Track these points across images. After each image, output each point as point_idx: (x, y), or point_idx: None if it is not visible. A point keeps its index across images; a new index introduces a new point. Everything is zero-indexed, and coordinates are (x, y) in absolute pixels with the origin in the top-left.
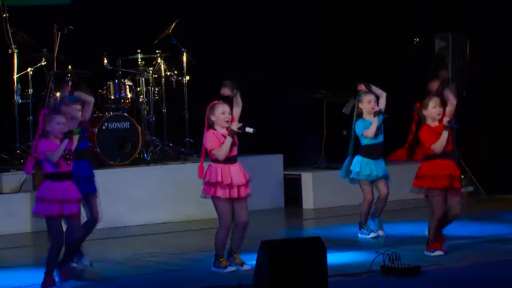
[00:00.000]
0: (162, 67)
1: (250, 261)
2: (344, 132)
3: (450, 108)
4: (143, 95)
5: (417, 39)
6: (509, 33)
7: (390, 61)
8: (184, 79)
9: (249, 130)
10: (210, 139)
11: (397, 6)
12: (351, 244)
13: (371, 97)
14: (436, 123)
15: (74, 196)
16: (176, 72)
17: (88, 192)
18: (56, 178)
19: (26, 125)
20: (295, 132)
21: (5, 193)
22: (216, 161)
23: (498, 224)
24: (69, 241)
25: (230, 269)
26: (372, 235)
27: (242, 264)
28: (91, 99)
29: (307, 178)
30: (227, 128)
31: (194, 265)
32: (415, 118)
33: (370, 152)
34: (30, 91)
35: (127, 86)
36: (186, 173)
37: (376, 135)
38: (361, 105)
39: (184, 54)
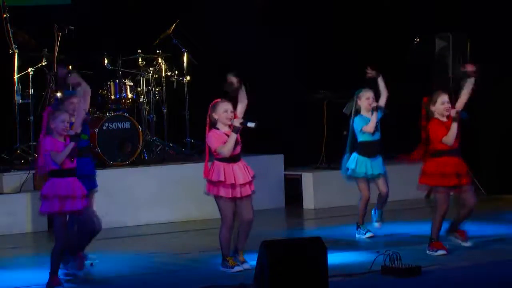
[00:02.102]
0: (163, 67)
1: (251, 261)
2: (345, 132)
3: (462, 100)
4: (144, 95)
5: (418, 39)
6: (509, 33)
7: (390, 61)
8: (184, 79)
9: (250, 124)
10: (213, 138)
11: (397, 6)
12: (352, 244)
13: (369, 94)
14: (445, 118)
15: (78, 192)
16: (176, 72)
17: (88, 189)
18: (59, 175)
19: (26, 125)
20: (295, 132)
21: (5, 193)
22: (220, 160)
23: (498, 224)
24: (84, 232)
25: (237, 268)
26: (368, 235)
27: (243, 262)
28: (87, 88)
29: (307, 178)
30: (229, 126)
31: (194, 265)
32: (423, 113)
33: (366, 149)
34: (31, 91)
35: (128, 86)
36: (186, 173)
37: (373, 132)
38: (359, 102)
39: (185, 54)
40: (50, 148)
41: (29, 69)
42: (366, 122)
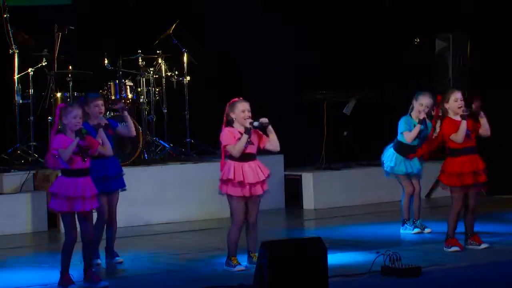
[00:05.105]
0: (163, 67)
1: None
2: (345, 133)
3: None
4: (144, 96)
5: (418, 40)
6: (509, 33)
7: (391, 61)
8: (184, 79)
9: (255, 124)
10: (226, 136)
11: (397, 6)
12: (352, 244)
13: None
14: (458, 117)
15: (88, 193)
16: (176, 72)
17: (116, 189)
18: (70, 174)
19: (26, 126)
20: (295, 132)
21: (5, 193)
22: (231, 158)
23: (498, 224)
24: (83, 240)
25: (239, 267)
26: (415, 230)
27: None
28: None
29: (307, 179)
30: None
31: (194, 265)
32: (436, 112)
33: (404, 150)
34: (31, 91)
35: (128, 87)
36: (186, 173)
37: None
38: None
39: (185, 54)
40: (58, 145)
41: (29, 69)
42: (410, 126)
